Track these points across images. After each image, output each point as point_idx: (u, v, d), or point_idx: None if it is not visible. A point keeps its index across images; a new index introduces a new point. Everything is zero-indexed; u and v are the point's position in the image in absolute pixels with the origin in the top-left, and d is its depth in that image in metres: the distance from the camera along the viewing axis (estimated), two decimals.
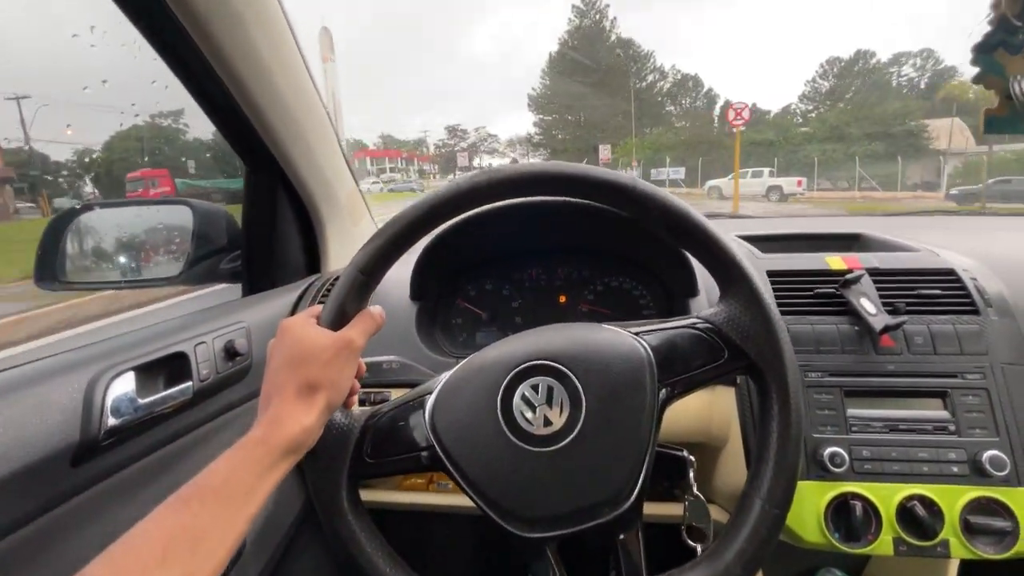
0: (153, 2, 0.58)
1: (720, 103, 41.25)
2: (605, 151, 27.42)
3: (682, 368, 0.48)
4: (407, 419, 0.49)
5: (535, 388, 0.46)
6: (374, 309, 0.51)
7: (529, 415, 0.45)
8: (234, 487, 0.41)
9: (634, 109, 41.24)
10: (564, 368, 0.46)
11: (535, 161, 0.52)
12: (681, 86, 44.26)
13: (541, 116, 50.37)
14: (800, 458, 0.45)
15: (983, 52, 0.55)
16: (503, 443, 0.45)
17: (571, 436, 0.45)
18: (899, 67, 35.41)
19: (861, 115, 29.08)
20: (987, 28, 0.51)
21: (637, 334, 0.49)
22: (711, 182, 22.18)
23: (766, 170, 21.70)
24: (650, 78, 45.05)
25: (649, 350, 0.47)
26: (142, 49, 0.61)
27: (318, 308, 0.50)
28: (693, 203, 0.52)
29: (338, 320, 0.49)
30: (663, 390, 0.47)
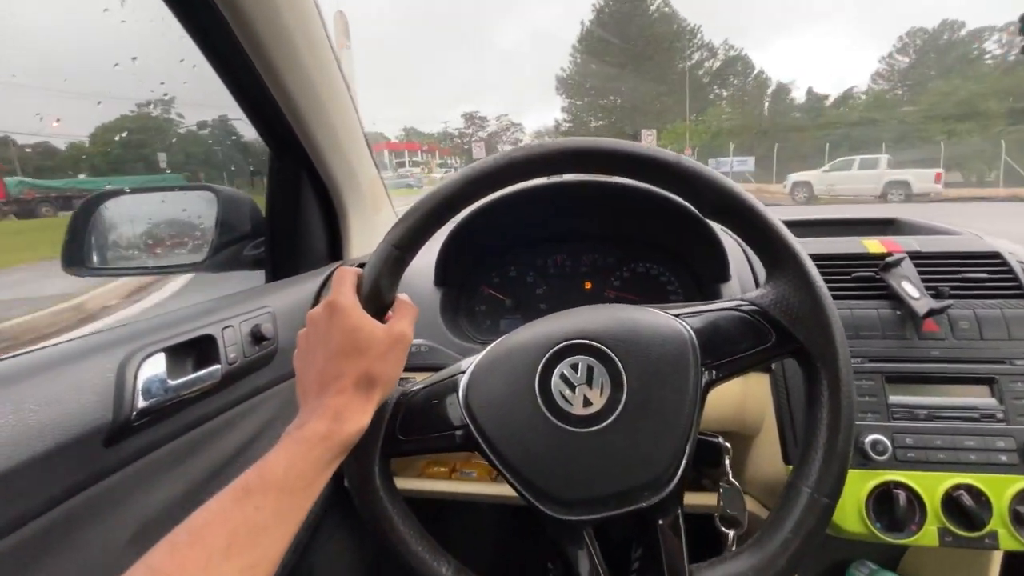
0: None
1: (772, 87, 36.32)
2: (649, 137, 22.39)
3: (727, 351, 0.46)
4: (441, 398, 0.48)
5: (575, 367, 0.44)
6: (404, 297, 0.50)
7: (568, 394, 0.44)
8: (295, 481, 0.40)
9: (686, 86, 34.84)
10: (605, 347, 0.45)
11: (573, 137, 0.50)
12: (729, 66, 38.41)
13: (571, 100, 44.96)
14: (851, 446, 0.44)
15: None
16: (541, 423, 0.44)
17: (612, 417, 0.43)
18: (981, 42, 28.68)
19: (1001, 87, 21.68)
20: None
21: (679, 316, 0.47)
22: (795, 176, 16.21)
23: (883, 157, 14.69)
24: (696, 56, 38.71)
25: (692, 332, 0.46)
26: (171, 27, 0.60)
27: (353, 275, 0.48)
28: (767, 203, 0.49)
29: (374, 296, 0.47)
30: (706, 373, 0.45)
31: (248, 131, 0.81)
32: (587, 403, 0.44)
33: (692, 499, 0.77)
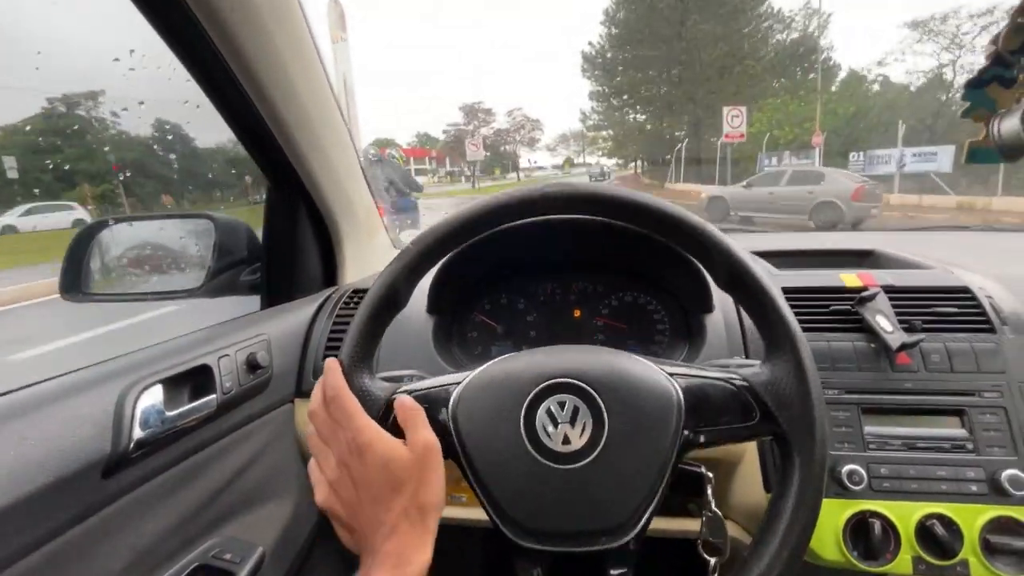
0: (183, 21, 0.60)
1: (841, 75, 25.45)
2: (736, 117, 15.82)
3: (710, 419, 0.47)
4: (432, 404, 0.50)
5: (561, 405, 0.46)
6: (403, 399, 0.48)
7: (551, 430, 0.46)
8: None
9: (712, 78, 26.44)
10: (593, 392, 0.47)
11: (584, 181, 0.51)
12: (791, 52, 26.74)
13: (601, 86, 32.66)
14: (808, 537, 0.44)
15: (976, 87, 0.56)
16: (520, 450, 0.46)
17: (587, 459, 0.45)
18: None
19: None
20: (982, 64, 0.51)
21: (672, 374, 0.49)
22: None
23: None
24: (763, 26, 27.11)
25: (680, 392, 0.47)
26: (176, 70, 0.63)
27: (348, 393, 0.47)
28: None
29: (362, 345, 0.49)
30: (686, 434, 0.47)
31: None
32: (567, 441, 0.45)
33: (676, 525, 0.80)
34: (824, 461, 0.44)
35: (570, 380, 0.47)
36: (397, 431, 0.46)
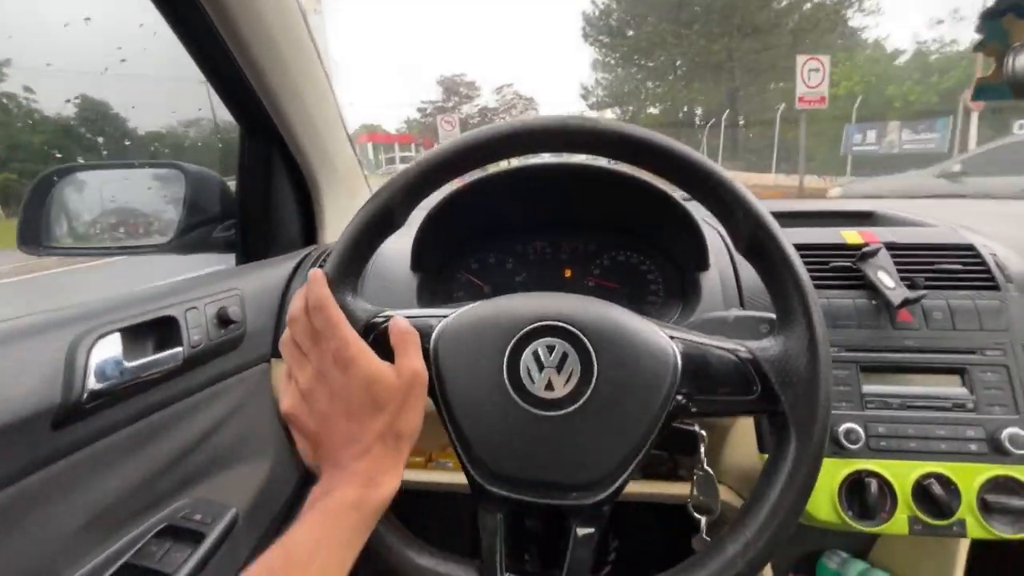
0: None
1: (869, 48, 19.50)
2: (815, 77, 9.82)
3: (707, 388, 0.45)
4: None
5: (550, 349, 0.43)
6: (399, 321, 0.46)
7: (535, 373, 0.43)
8: (325, 559, 0.37)
9: (737, 50, 20.63)
10: (585, 338, 0.43)
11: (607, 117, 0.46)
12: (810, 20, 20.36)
13: (606, 56, 26.54)
14: (795, 520, 0.42)
15: (991, 18, 0.53)
16: (498, 390, 0.43)
17: (568, 409, 0.42)
18: None
19: None
20: None
21: (673, 336, 0.46)
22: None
23: None
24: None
25: (679, 354, 0.44)
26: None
27: (320, 279, 0.44)
28: None
29: (348, 262, 0.46)
30: (679, 399, 0.44)
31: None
32: (550, 387, 0.42)
33: (667, 488, 0.78)
34: (823, 445, 0.42)
35: (562, 324, 0.44)
36: (379, 353, 0.44)
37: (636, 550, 1.19)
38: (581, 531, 0.43)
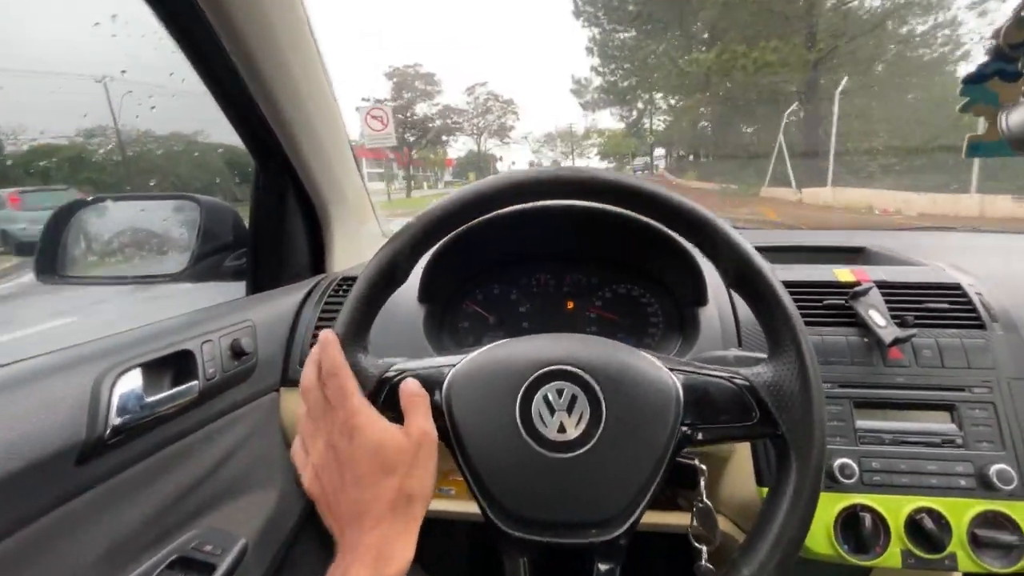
0: None
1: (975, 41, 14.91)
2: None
3: (709, 417, 0.47)
4: (426, 384, 0.48)
5: (559, 392, 0.45)
6: (410, 383, 0.46)
7: (547, 417, 0.45)
8: None
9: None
10: (592, 381, 0.45)
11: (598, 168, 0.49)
12: None
13: (606, 31, 21.02)
14: (803, 538, 0.44)
15: (975, 82, 0.56)
16: (514, 436, 0.45)
17: (582, 449, 0.44)
18: None
19: None
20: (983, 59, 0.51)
21: (673, 369, 0.48)
22: None
23: None
24: None
25: (680, 388, 0.46)
26: (163, 41, 0.60)
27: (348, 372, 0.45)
28: None
29: (359, 320, 0.47)
30: (684, 430, 0.46)
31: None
32: (562, 429, 0.44)
33: (668, 519, 0.79)
34: (821, 466, 0.44)
35: (569, 368, 0.46)
36: (388, 411, 0.45)
37: (627, 562, 1.19)
38: (603, 566, 0.45)
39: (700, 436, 0.46)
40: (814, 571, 0.89)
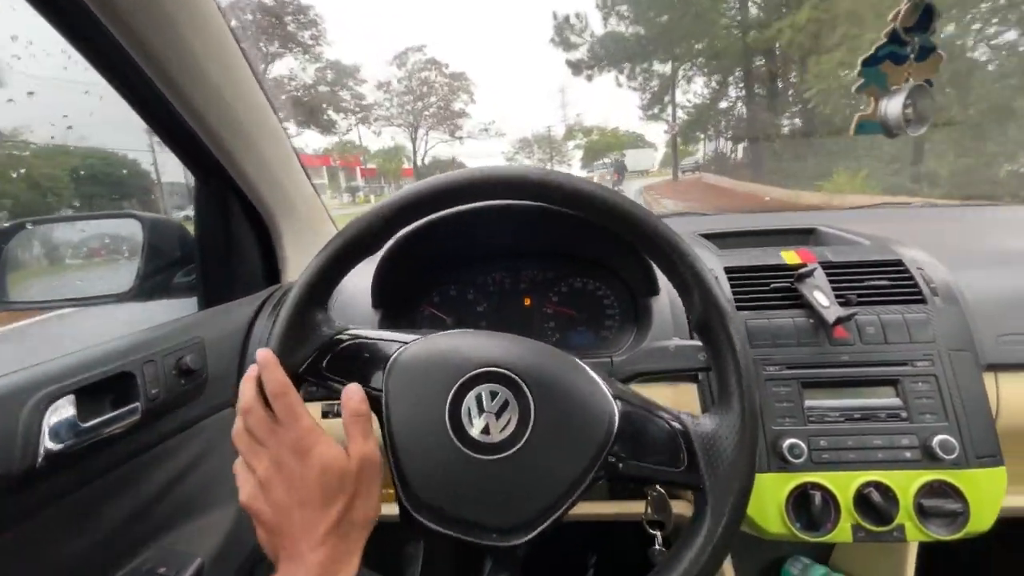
0: (76, 8, 0.55)
1: None
2: None
3: (638, 453, 0.46)
4: (374, 355, 0.49)
5: (493, 394, 0.45)
6: (355, 400, 0.46)
7: (475, 416, 0.45)
8: None
9: None
10: (529, 392, 0.45)
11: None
12: None
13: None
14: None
15: (871, 64, 0.57)
16: (438, 427, 0.45)
17: (500, 454, 0.44)
18: None
19: None
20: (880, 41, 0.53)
21: (617, 396, 0.47)
22: None
23: None
24: None
25: (618, 416, 0.46)
26: (74, 60, 0.58)
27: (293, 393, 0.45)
28: None
29: (326, 279, 0.48)
30: (610, 459, 0.45)
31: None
32: (486, 431, 0.44)
33: (624, 507, 0.80)
34: (735, 526, 0.44)
35: (508, 373, 0.46)
36: (332, 374, 0.47)
37: (614, 564, 1.20)
38: (495, 571, 0.45)
39: (622, 468, 0.45)
40: (777, 548, 0.91)
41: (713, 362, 0.49)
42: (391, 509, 0.45)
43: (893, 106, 0.51)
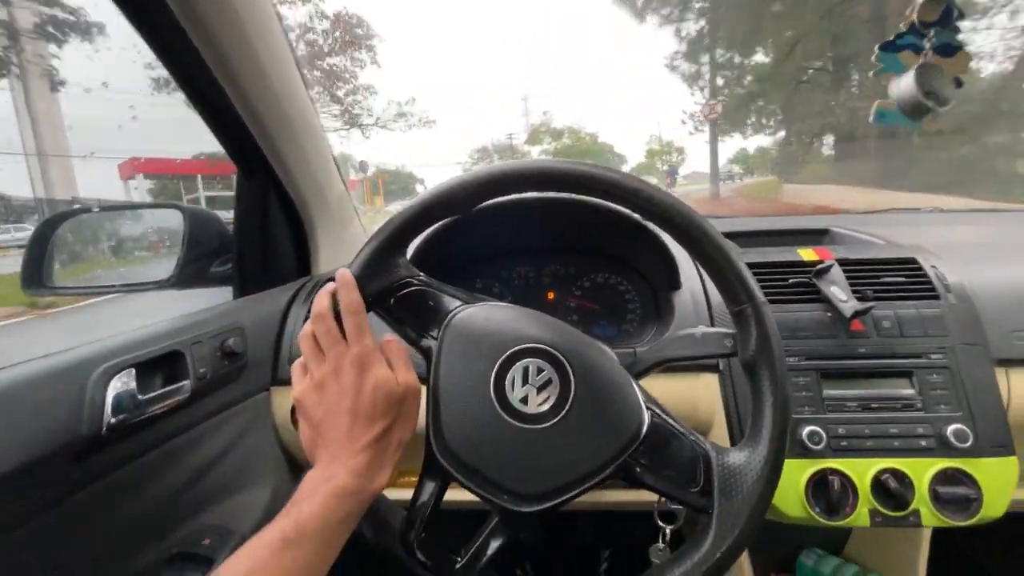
0: (154, 5, 0.59)
1: None
2: None
3: (657, 464, 0.47)
4: (435, 304, 0.52)
5: (539, 370, 0.47)
6: (393, 342, 0.52)
7: (518, 385, 0.47)
8: (328, 533, 0.43)
9: None
10: (572, 377, 0.47)
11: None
12: None
13: None
14: None
15: (890, 50, 0.59)
16: (482, 386, 0.47)
17: (532, 425, 0.46)
18: None
19: None
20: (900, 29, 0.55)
21: (647, 406, 0.48)
22: None
23: None
24: None
25: (646, 424, 0.47)
26: (141, 53, 0.62)
27: (362, 317, 0.49)
28: None
29: (411, 225, 0.51)
30: (629, 461, 0.47)
31: None
32: (525, 401, 0.46)
33: (637, 495, 0.82)
34: (735, 553, 0.44)
35: (559, 355, 0.48)
36: (398, 311, 0.52)
37: (627, 558, 1.22)
38: (487, 529, 0.48)
39: (638, 473, 0.47)
40: (795, 533, 0.93)
41: (752, 397, 0.50)
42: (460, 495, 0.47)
43: (905, 84, 0.54)
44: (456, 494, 0.50)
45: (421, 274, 0.53)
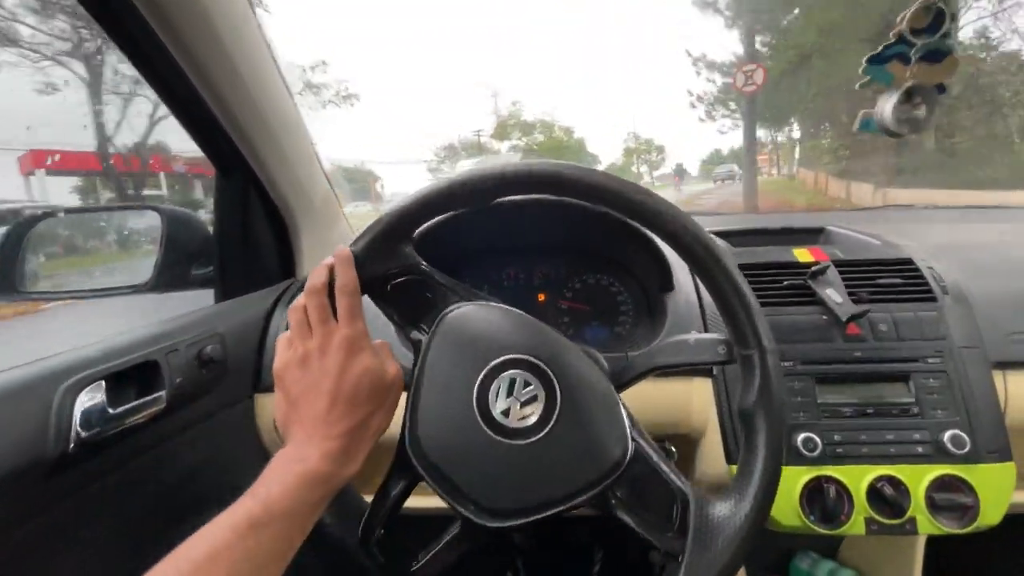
0: (120, 2, 0.56)
1: None
2: None
3: (633, 500, 0.45)
4: (433, 296, 0.50)
5: (526, 384, 0.45)
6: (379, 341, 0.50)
7: (501, 397, 0.45)
8: (296, 518, 0.41)
9: None
10: (559, 400, 0.45)
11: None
12: None
13: None
14: None
15: (877, 62, 0.58)
16: (464, 392, 0.45)
17: (508, 440, 0.44)
18: None
19: None
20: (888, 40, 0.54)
21: (635, 438, 0.46)
22: None
23: None
24: None
25: (629, 454, 0.45)
26: (110, 50, 0.59)
27: (356, 298, 0.47)
28: None
29: (413, 218, 0.49)
30: (607, 493, 0.44)
31: None
32: (506, 413, 0.44)
33: None
34: None
35: (551, 375, 0.45)
36: (395, 295, 0.50)
37: (621, 560, 1.21)
38: (450, 535, 0.46)
39: (612, 505, 0.45)
40: (790, 538, 0.92)
41: (744, 446, 0.47)
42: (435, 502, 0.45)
43: (885, 106, 0.53)
44: (422, 499, 0.49)
45: (424, 264, 0.51)
